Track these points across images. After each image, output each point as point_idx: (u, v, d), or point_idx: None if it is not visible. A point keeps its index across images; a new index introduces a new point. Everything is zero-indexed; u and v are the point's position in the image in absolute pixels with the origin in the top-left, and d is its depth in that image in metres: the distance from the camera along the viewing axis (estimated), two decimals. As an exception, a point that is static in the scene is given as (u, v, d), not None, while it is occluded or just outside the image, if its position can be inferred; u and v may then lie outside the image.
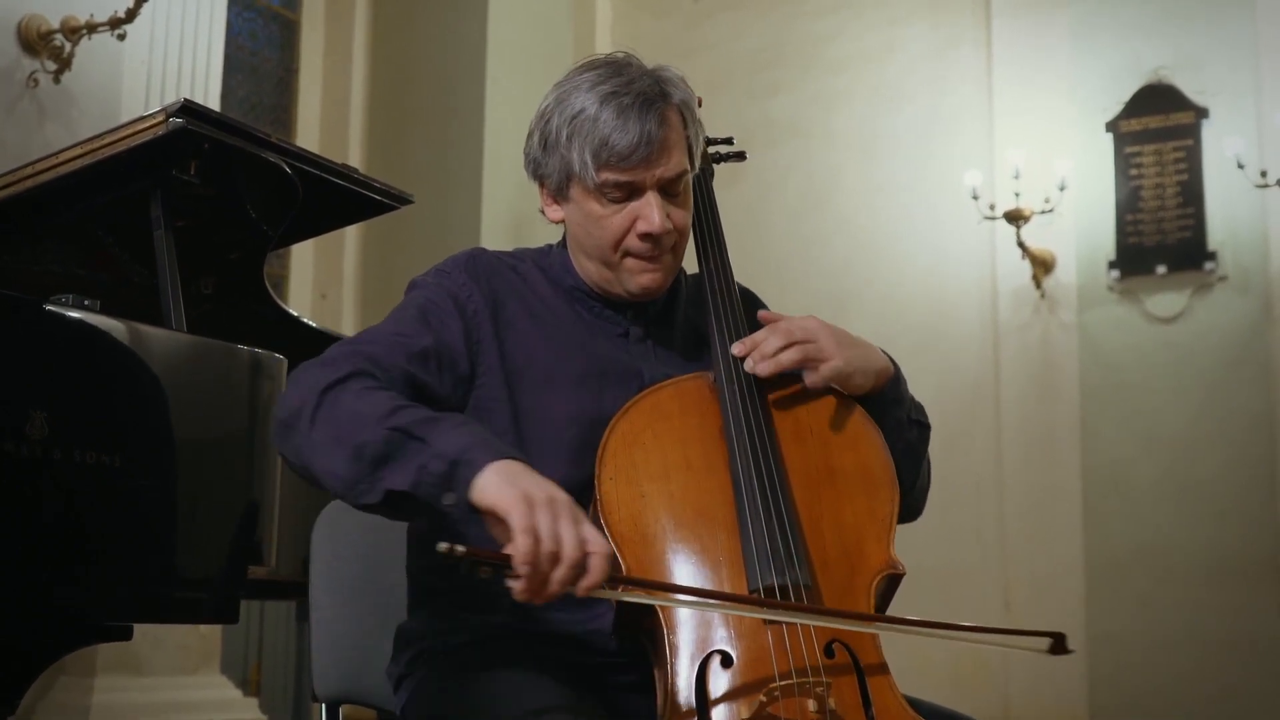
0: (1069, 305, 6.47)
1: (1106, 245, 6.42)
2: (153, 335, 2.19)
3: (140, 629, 2.23)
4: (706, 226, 1.80)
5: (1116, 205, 6.41)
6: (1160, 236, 6.30)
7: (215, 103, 5.05)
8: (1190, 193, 6.28)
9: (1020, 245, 6.40)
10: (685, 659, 1.45)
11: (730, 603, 1.47)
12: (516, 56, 6.84)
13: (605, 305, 1.73)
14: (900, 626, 1.46)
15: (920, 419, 1.75)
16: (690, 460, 1.58)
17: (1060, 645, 1.48)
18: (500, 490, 1.33)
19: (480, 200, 6.63)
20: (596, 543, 1.32)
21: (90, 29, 4.48)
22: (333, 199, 2.87)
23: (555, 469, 1.44)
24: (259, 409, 2.32)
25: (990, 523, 6.46)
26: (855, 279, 6.90)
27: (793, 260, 6.92)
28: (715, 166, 1.94)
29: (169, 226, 2.50)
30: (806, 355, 1.63)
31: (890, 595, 1.60)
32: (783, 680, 1.41)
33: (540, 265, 1.76)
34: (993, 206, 6.45)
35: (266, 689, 5.76)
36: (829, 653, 1.46)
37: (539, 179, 1.71)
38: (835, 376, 1.64)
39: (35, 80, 4.45)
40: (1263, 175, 5.96)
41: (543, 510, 1.31)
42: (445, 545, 1.26)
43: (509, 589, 1.31)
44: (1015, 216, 6.36)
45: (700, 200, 1.78)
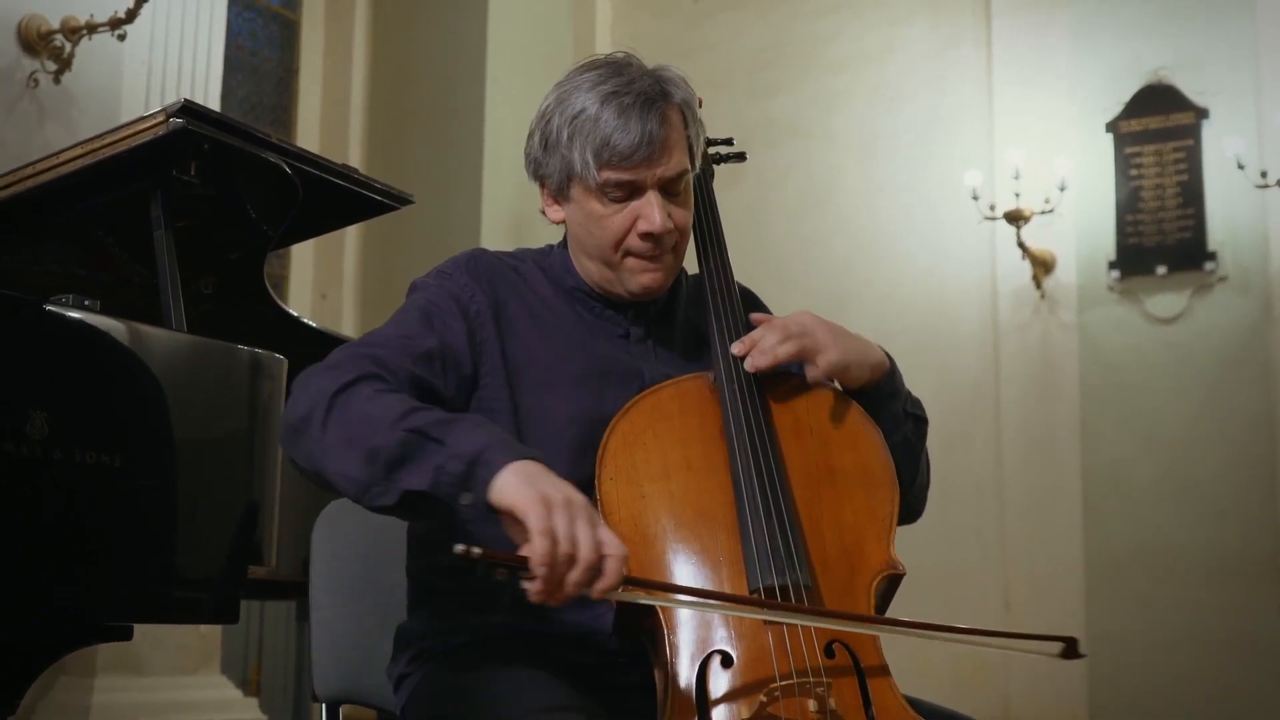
0: (1069, 305, 6.46)
1: (1106, 245, 6.42)
2: (153, 335, 2.19)
3: (140, 629, 2.23)
4: (707, 226, 1.80)
5: (1116, 205, 6.41)
6: (1160, 237, 6.30)
7: (215, 103, 5.05)
8: (1190, 193, 6.27)
9: (1020, 245, 6.40)
10: (685, 659, 1.45)
11: (731, 603, 1.47)
12: (516, 56, 6.84)
13: (606, 305, 1.73)
14: (911, 630, 1.44)
15: (917, 413, 1.76)
16: (690, 460, 1.58)
17: (1072, 650, 1.47)
18: (518, 491, 1.33)
19: (480, 200, 6.63)
20: (612, 545, 1.33)
21: (90, 29, 4.48)
22: (333, 199, 2.87)
23: (556, 469, 1.43)
24: (259, 409, 2.32)
25: (990, 523, 6.46)
26: (855, 279, 6.89)
27: (793, 260, 6.92)
28: (715, 167, 1.95)
29: (169, 226, 2.50)
30: (803, 348, 1.63)
31: (891, 595, 1.60)
32: (783, 680, 1.41)
33: (541, 265, 1.76)
34: (993, 207, 6.44)
35: (266, 689, 5.76)
36: (829, 653, 1.46)
37: (540, 179, 1.71)
38: (833, 368, 1.65)
39: (35, 80, 4.45)
40: (1263, 175, 5.96)
41: (560, 512, 1.31)
42: (462, 547, 1.26)
43: (524, 590, 1.31)
44: (1015, 217, 6.35)
45: (700, 200, 1.78)
